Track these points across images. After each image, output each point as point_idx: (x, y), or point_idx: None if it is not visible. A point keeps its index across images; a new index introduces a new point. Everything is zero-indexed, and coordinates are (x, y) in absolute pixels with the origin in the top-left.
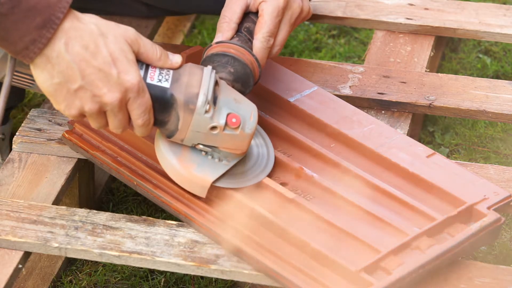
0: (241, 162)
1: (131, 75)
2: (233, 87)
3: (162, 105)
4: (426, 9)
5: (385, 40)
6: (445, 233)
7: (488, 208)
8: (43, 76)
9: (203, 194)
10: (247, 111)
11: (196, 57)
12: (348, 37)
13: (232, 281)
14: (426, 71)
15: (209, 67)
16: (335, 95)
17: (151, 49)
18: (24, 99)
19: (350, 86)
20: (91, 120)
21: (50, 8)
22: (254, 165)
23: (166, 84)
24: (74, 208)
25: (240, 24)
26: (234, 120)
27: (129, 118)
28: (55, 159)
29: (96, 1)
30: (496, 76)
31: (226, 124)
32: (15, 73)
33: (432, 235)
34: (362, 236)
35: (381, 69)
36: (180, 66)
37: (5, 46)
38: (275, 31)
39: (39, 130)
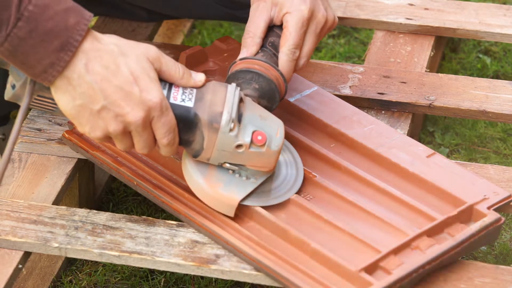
0: (269, 179)
1: (154, 93)
2: (258, 103)
3: (186, 124)
4: (426, 9)
5: (385, 40)
6: (445, 233)
7: (488, 208)
8: (65, 99)
9: (231, 213)
10: (273, 127)
11: (196, 57)
12: (348, 37)
13: (232, 281)
14: (426, 71)
15: (233, 85)
16: (335, 95)
17: (173, 67)
18: None
19: (350, 86)
20: (116, 142)
21: (68, 31)
22: (281, 183)
23: (190, 104)
24: (74, 208)
25: (265, 38)
26: (259, 137)
27: (154, 138)
28: (55, 159)
29: (97, 6)
30: (496, 76)
31: (251, 142)
32: (38, 98)
33: (432, 235)
34: (362, 236)
35: (381, 69)
36: (204, 85)
37: (24, 69)
38: (301, 42)
39: (39, 130)
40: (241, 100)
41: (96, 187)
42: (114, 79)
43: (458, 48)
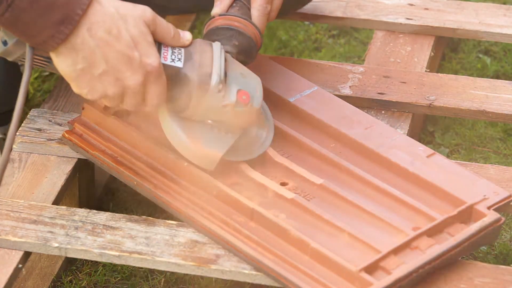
0: (244, 133)
1: (152, 58)
2: (236, 59)
3: (175, 84)
4: (426, 9)
5: (385, 40)
6: (445, 233)
7: (488, 208)
8: (66, 63)
9: (211, 167)
10: (253, 85)
11: None
12: (348, 37)
13: (232, 281)
14: (426, 71)
15: (218, 43)
16: (335, 95)
17: (166, 28)
18: (26, 102)
19: (350, 86)
20: (107, 101)
21: (69, 5)
22: (255, 136)
23: (179, 64)
24: (74, 208)
25: None
26: (244, 97)
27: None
28: (55, 159)
29: None
30: (496, 76)
31: (236, 101)
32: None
33: (432, 235)
34: (362, 236)
35: (381, 69)
36: (191, 43)
37: (24, 39)
38: None
39: (39, 130)
40: (224, 59)
41: (96, 187)
42: (117, 44)
43: (458, 48)
